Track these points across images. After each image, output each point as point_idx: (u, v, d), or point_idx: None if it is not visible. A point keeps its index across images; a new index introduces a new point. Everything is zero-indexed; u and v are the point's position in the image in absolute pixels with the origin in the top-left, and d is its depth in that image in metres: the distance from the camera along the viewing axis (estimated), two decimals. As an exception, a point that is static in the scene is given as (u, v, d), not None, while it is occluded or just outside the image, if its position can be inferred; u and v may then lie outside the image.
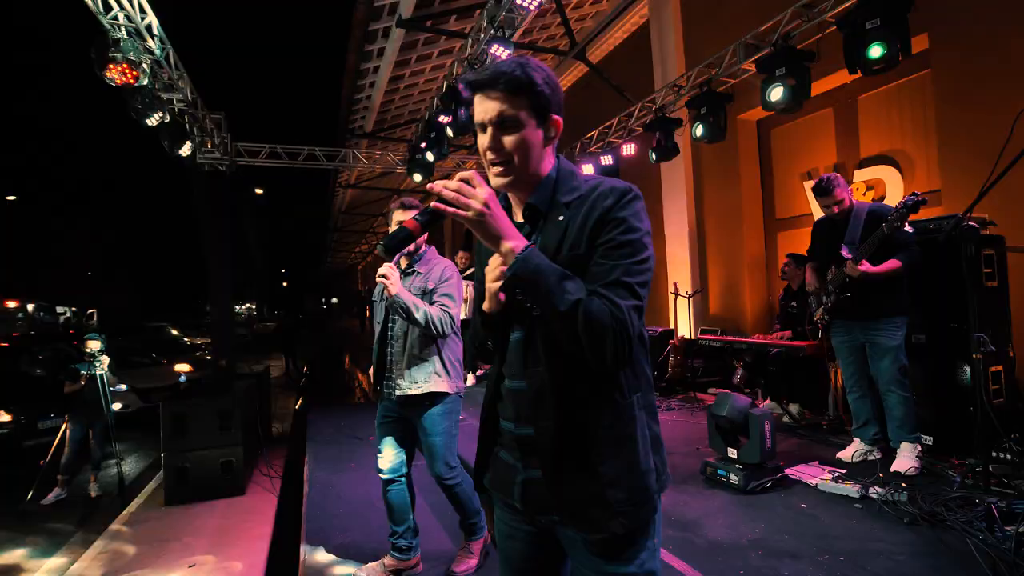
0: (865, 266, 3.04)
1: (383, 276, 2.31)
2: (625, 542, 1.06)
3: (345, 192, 15.24)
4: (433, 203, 0.98)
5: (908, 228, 3.04)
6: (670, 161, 6.67)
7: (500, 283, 1.06)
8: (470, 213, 0.97)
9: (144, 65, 3.77)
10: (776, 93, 4.66)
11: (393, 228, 2.54)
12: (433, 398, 2.44)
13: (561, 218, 1.07)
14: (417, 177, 7.95)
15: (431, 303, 2.44)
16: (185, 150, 5.54)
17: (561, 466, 1.05)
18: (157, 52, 4.19)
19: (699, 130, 5.74)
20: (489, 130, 1.06)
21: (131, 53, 3.65)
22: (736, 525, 2.58)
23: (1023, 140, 2.40)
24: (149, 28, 4.03)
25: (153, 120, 4.47)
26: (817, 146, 6.15)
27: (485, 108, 1.06)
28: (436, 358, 2.46)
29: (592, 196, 1.06)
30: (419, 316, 2.34)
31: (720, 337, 5.57)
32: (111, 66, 3.56)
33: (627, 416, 1.07)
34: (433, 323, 2.36)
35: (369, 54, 7.24)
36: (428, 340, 2.45)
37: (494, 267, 1.07)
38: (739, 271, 6.87)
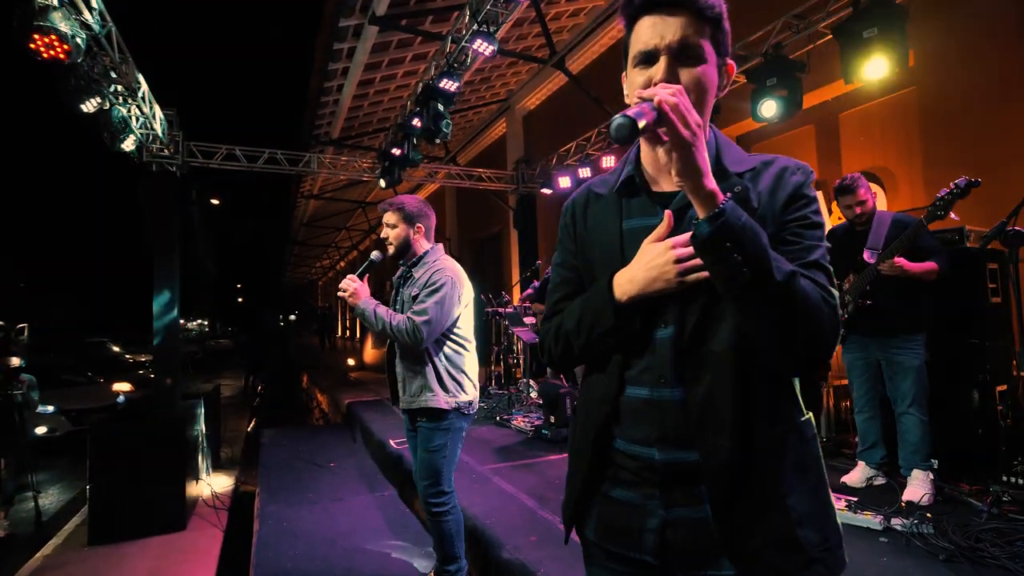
0: (900, 261, 2.83)
1: (342, 290, 2.23)
2: None
3: (307, 203, 14.65)
4: (659, 99, 0.75)
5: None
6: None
7: (669, 256, 0.85)
8: (687, 131, 0.75)
9: (78, 40, 3.30)
10: (768, 107, 4.54)
11: (384, 231, 2.40)
12: (428, 413, 2.28)
13: (738, 189, 0.87)
14: (383, 183, 7.58)
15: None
16: (128, 145, 5.01)
17: (740, 499, 0.83)
18: (96, 28, 3.73)
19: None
20: (663, 60, 0.86)
21: (62, 24, 3.18)
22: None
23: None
24: (87, 0, 3.57)
25: (88, 107, 3.96)
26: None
27: (662, 30, 0.86)
28: (429, 371, 2.27)
29: (772, 169, 0.90)
30: (377, 327, 2.21)
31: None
32: (36, 36, 3.08)
33: (808, 435, 0.89)
34: (393, 333, 2.19)
35: (338, 53, 6.86)
36: (417, 352, 2.26)
37: (660, 231, 0.87)
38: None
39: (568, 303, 1.02)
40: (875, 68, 3.70)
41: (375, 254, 2.34)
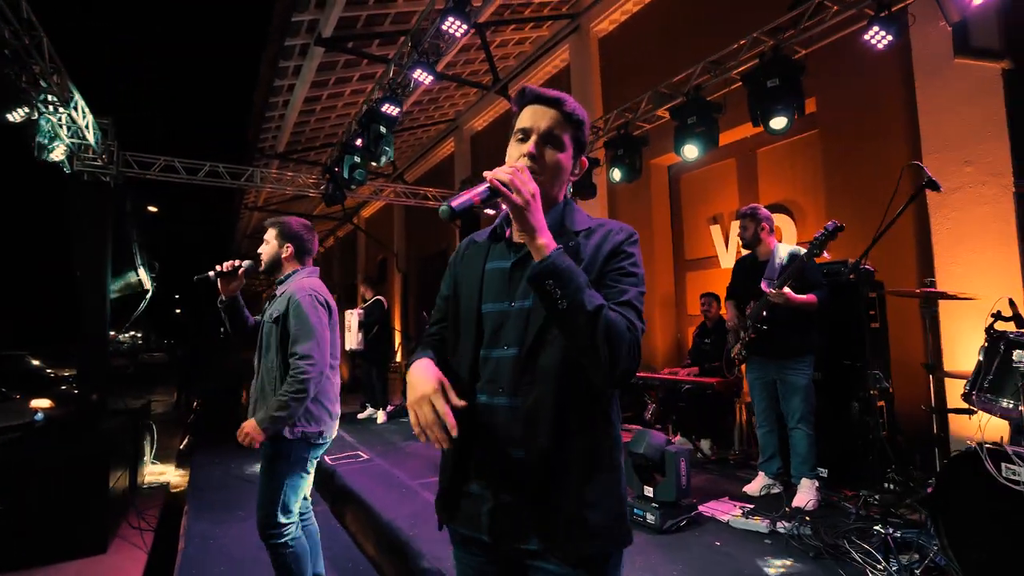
0: (788, 292, 3.16)
1: (246, 434, 2.16)
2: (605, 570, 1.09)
3: (251, 215, 14.33)
4: (491, 179, 0.99)
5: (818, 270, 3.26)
6: (587, 201, 6.85)
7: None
8: (520, 199, 0.98)
9: (5, 51, 3.26)
10: (689, 150, 4.95)
11: (264, 247, 2.40)
12: (272, 440, 2.21)
13: (572, 243, 1.11)
14: (328, 202, 7.60)
15: (281, 337, 2.23)
16: (57, 155, 4.88)
17: (548, 489, 1.04)
18: (25, 38, 3.67)
19: (616, 174, 5.93)
20: (533, 138, 1.14)
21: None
22: (655, 567, 2.51)
23: (919, 190, 2.60)
24: (16, 8, 3.52)
25: (15, 116, 3.87)
26: (721, 193, 6.57)
27: (538, 117, 1.14)
28: None
29: (603, 229, 1.15)
30: (290, 411, 2.13)
31: (633, 372, 5.66)
32: (-40, 48, 3.04)
33: (610, 443, 1.12)
34: (293, 404, 2.13)
35: (284, 70, 6.89)
36: (282, 377, 2.23)
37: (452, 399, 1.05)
38: (651, 309, 7.10)
39: (438, 326, 1.29)
40: (777, 121, 4.13)
41: (223, 266, 2.30)
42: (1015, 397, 1.96)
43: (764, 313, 3.33)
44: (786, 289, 3.16)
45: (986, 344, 2.18)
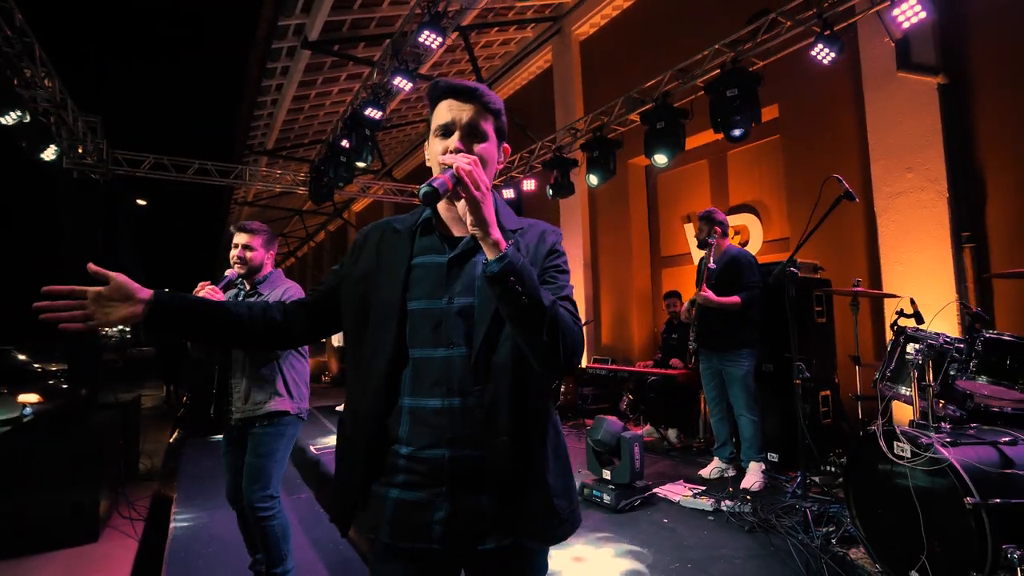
0: (706, 292, 3.45)
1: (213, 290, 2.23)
2: (540, 555, 1.16)
3: (241, 209, 14.42)
4: (457, 167, 1.00)
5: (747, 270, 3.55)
6: (568, 199, 7.08)
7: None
8: (479, 193, 0.99)
9: None
10: (660, 157, 5.20)
11: (240, 250, 2.52)
12: (272, 418, 2.41)
13: (512, 241, 1.09)
14: (315, 200, 7.77)
15: None
16: (48, 154, 5.03)
17: (516, 483, 1.04)
18: (16, 43, 3.84)
19: (593, 179, 6.14)
20: (457, 132, 1.11)
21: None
22: (604, 541, 2.76)
23: (837, 200, 2.86)
24: (9, 16, 3.68)
25: (8, 119, 4.03)
26: (695, 192, 6.84)
27: (458, 111, 1.11)
28: (279, 379, 2.43)
29: (535, 230, 1.19)
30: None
31: (606, 367, 5.94)
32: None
33: (557, 429, 1.17)
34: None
35: (272, 71, 7.05)
36: (268, 359, 2.43)
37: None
38: (628, 303, 7.37)
39: (315, 294, 1.26)
40: (735, 129, 4.38)
41: (230, 272, 2.46)
42: (907, 384, 2.23)
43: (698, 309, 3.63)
44: (705, 291, 3.44)
45: (892, 338, 2.45)
